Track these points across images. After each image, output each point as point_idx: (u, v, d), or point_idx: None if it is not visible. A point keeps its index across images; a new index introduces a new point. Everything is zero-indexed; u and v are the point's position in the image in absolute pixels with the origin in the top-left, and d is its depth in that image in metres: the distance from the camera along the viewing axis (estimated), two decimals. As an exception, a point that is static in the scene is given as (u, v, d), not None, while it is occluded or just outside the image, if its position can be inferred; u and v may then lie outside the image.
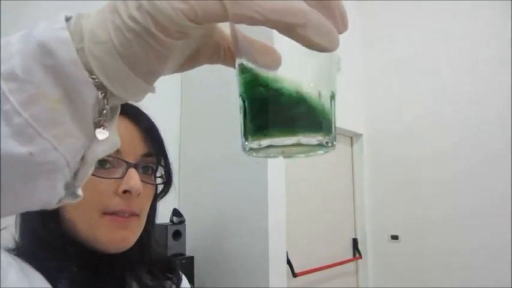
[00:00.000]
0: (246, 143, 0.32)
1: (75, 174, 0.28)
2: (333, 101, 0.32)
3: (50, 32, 0.25)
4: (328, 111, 0.32)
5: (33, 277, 0.52)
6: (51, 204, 0.28)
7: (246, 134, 0.32)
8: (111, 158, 0.59)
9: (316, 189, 2.65)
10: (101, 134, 0.27)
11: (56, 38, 0.24)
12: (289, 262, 2.14)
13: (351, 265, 2.96)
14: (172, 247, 1.86)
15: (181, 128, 2.36)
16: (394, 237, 2.88)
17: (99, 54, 0.25)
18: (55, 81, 0.24)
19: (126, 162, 0.60)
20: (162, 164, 0.68)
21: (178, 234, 1.90)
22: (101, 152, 0.28)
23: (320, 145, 0.31)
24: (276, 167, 2.00)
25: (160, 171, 0.68)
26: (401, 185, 2.86)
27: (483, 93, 2.54)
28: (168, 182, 0.69)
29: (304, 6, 0.24)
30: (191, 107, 2.36)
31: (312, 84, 0.31)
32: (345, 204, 2.99)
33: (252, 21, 0.24)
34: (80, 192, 0.30)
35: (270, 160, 1.95)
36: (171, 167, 0.69)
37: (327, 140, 0.32)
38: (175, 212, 1.97)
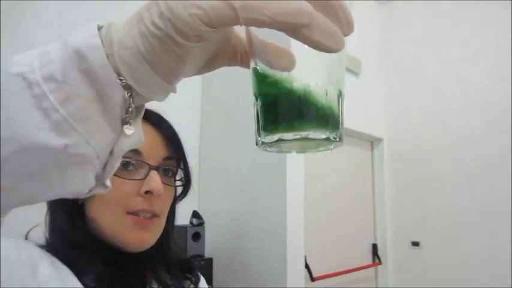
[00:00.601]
0: (259, 138, 0.35)
1: (104, 167, 0.31)
2: (340, 99, 0.34)
3: (84, 40, 0.28)
4: (335, 109, 0.34)
5: (62, 271, 0.56)
6: (83, 192, 0.30)
7: (259, 130, 0.35)
8: (134, 161, 0.63)
9: (336, 193, 2.64)
10: (128, 129, 0.30)
11: (90, 45, 0.27)
12: (307, 266, 2.14)
13: (370, 271, 2.93)
14: (192, 248, 1.89)
15: (201, 132, 2.39)
16: (415, 244, 2.83)
17: (127, 58, 0.28)
18: (88, 83, 0.27)
19: (148, 164, 0.63)
20: (181, 167, 0.71)
21: (197, 236, 1.93)
22: (127, 146, 0.31)
23: (327, 139, 0.33)
24: (295, 171, 2.01)
25: (180, 175, 0.71)
26: (422, 191, 2.82)
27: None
28: (187, 184, 0.72)
29: (309, 7, 0.26)
30: (211, 111, 2.39)
31: (320, 84, 0.33)
32: (364, 209, 2.96)
33: (261, 24, 0.26)
34: (108, 183, 0.32)
35: (288, 164, 1.95)
36: (190, 170, 0.72)
37: (334, 135, 0.33)
38: (195, 214, 1.99)
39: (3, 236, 0.34)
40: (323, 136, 0.33)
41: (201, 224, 1.98)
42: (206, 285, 0.79)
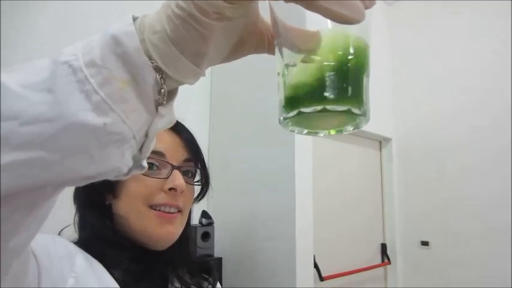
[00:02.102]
0: (281, 117, 0.35)
1: (140, 148, 0.33)
2: (364, 75, 0.34)
3: (120, 28, 0.30)
4: (356, 82, 0.33)
5: (95, 264, 0.60)
6: (122, 171, 0.32)
7: (280, 108, 0.35)
8: (158, 162, 0.67)
9: (344, 193, 2.64)
10: (162, 110, 0.33)
11: (125, 32, 0.30)
12: (316, 266, 2.15)
13: (380, 270, 2.92)
14: (201, 248, 1.90)
15: (210, 131, 2.41)
16: (425, 244, 2.82)
17: (156, 41, 0.30)
18: (124, 66, 0.30)
19: (171, 164, 0.68)
20: (199, 167, 0.75)
21: (207, 236, 1.94)
22: (160, 126, 0.33)
23: (349, 112, 0.32)
24: (304, 171, 2.01)
25: (197, 176, 0.76)
26: (431, 190, 2.81)
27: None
28: (205, 185, 0.76)
29: None
30: (220, 110, 2.41)
31: (340, 58, 0.33)
32: (373, 209, 2.96)
33: None
34: (145, 164, 0.35)
35: (297, 163, 1.96)
36: (208, 172, 0.77)
37: (356, 109, 0.33)
38: (204, 214, 2.01)
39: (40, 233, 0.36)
40: (343, 108, 0.32)
41: (210, 223, 1.99)
42: (221, 287, 0.82)
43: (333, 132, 0.36)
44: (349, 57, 0.33)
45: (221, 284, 0.85)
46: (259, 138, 2.08)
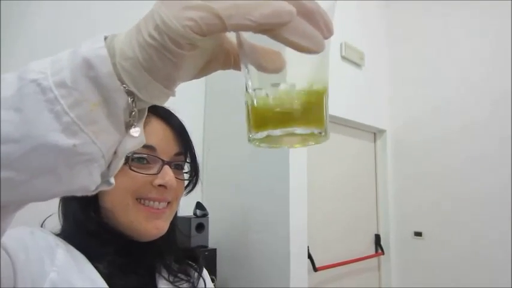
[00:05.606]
0: (250, 135, 0.37)
1: (109, 166, 0.33)
2: (324, 96, 0.36)
3: (91, 50, 0.30)
4: (320, 105, 0.36)
5: (78, 257, 0.59)
6: (89, 189, 0.32)
7: (249, 127, 0.37)
8: (148, 156, 0.66)
9: (339, 184, 2.65)
10: (133, 132, 0.33)
11: (97, 55, 0.30)
12: (310, 256, 2.16)
13: (373, 261, 2.95)
14: (196, 239, 1.91)
15: (205, 123, 2.40)
16: (418, 234, 2.85)
17: (128, 68, 0.30)
18: (95, 89, 0.30)
19: (162, 160, 0.67)
20: (188, 161, 0.74)
21: (201, 227, 1.95)
22: (130, 147, 0.33)
23: (312, 134, 0.35)
24: (298, 163, 2.02)
25: (187, 167, 0.75)
26: (425, 181, 2.83)
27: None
28: (195, 177, 0.76)
29: (289, 7, 0.28)
30: (215, 102, 2.40)
31: (305, 82, 0.35)
32: (367, 200, 2.98)
33: (247, 28, 0.28)
34: (112, 180, 0.35)
35: (291, 156, 1.96)
36: (199, 165, 0.76)
37: (319, 130, 0.35)
38: (199, 205, 2.01)
39: (21, 224, 0.36)
40: (308, 131, 0.35)
41: (205, 215, 1.99)
42: (208, 276, 0.81)
43: (296, 146, 0.40)
44: (315, 83, 0.35)
45: (215, 275, 0.84)
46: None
